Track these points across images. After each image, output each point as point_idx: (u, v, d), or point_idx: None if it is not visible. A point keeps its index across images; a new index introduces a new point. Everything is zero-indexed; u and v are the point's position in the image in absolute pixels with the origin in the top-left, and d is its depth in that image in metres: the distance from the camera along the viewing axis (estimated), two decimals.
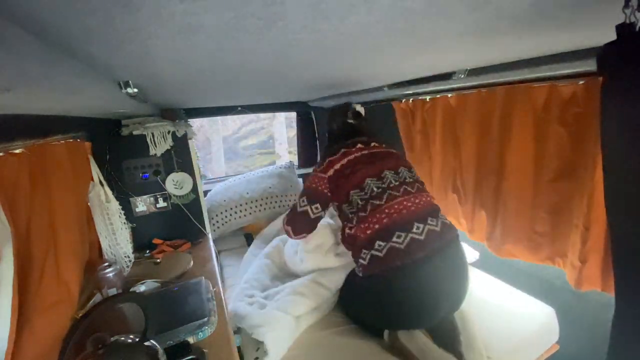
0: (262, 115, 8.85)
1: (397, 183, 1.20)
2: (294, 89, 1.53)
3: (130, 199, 1.55)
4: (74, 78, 0.62)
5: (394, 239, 1.07)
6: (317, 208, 1.29)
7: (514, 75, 1.05)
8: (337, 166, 1.27)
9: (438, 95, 1.51)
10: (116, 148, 1.49)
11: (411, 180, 1.25)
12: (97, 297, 1.11)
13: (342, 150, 1.30)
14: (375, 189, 1.18)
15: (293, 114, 2.97)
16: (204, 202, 1.75)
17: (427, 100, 1.58)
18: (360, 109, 1.47)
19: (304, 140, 2.87)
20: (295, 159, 2.91)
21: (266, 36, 0.52)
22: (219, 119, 7.80)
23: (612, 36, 0.51)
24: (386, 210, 1.13)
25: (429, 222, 1.12)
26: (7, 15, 0.34)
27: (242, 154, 9.43)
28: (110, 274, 1.12)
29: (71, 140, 1.15)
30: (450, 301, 1.11)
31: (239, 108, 2.28)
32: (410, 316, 1.08)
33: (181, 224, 1.65)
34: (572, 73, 0.95)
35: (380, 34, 0.57)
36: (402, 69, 1.06)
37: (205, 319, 0.95)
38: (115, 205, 1.34)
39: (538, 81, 1.10)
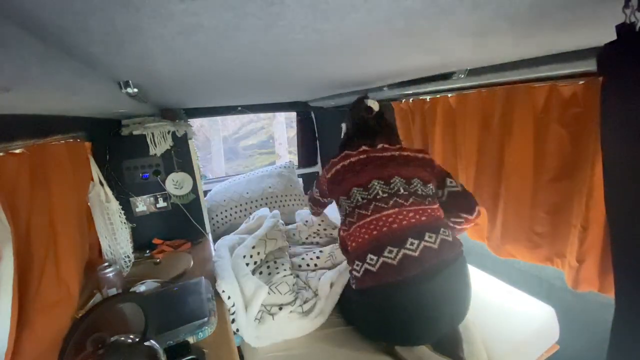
0: (262, 115, 8.86)
1: (385, 195, 1.12)
2: (294, 89, 1.53)
3: (130, 199, 1.55)
4: (74, 78, 0.62)
5: (386, 253, 1.02)
6: (322, 195, 1.42)
7: (514, 75, 1.05)
8: (333, 170, 1.25)
9: (438, 95, 1.51)
10: (116, 148, 1.49)
11: (405, 192, 1.13)
12: (97, 297, 1.11)
13: (345, 152, 1.26)
14: (360, 199, 1.13)
15: (293, 114, 2.97)
16: (204, 202, 1.75)
17: (427, 100, 1.58)
18: (372, 103, 1.35)
19: (304, 140, 2.87)
20: (295, 159, 2.91)
21: (266, 36, 0.52)
22: (219, 119, 7.80)
23: (612, 36, 0.51)
24: (374, 222, 1.08)
25: (425, 238, 1.04)
26: (7, 15, 0.34)
27: (242, 154, 9.43)
28: (110, 274, 1.12)
29: (71, 140, 1.15)
30: (449, 321, 1.06)
31: (239, 108, 2.28)
32: (406, 334, 1.05)
33: (181, 224, 1.65)
34: (572, 73, 0.95)
35: (380, 34, 0.57)
36: (402, 69, 1.06)
37: (205, 319, 0.95)
38: (115, 205, 1.34)
39: (538, 81, 1.10)
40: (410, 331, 1.04)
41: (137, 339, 0.72)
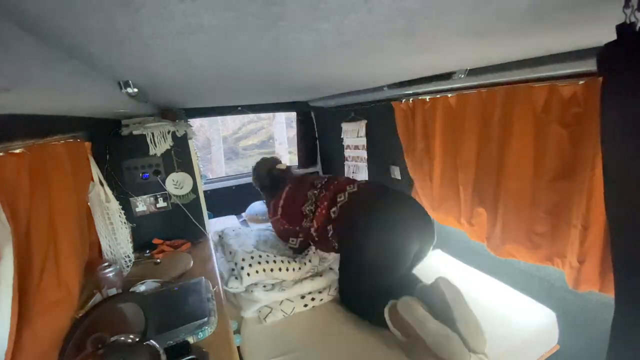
0: (262, 115, 8.85)
1: (319, 194, 1.60)
2: (294, 89, 1.53)
3: (130, 199, 1.55)
4: (74, 78, 0.62)
5: (338, 200, 1.48)
6: (293, 240, 1.70)
7: (514, 75, 1.05)
8: (280, 208, 1.71)
9: (438, 95, 1.51)
10: (116, 148, 1.49)
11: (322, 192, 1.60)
12: (97, 297, 1.11)
13: (277, 194, 1.80)
14: (311, 208, 1.59)
15: (293, 114, 2.97)
16: (204, 202, 1.75)
17: (427, 100, 1.58)
18: (281, 164, 2.07)
19: (304, 140, 2.87)
20: (295, 159, 2.91)
21: (266, 36, 0.52)
22: (219, 119, 7.80)
23: (612, 36, 0.51)
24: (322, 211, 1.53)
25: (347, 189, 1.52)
26: (7, 15, 0.34)
27: (242, 154, 9.43)
28: (110, 274, 1.12)
29: (71, 140, 1.15)
30: (418, 234, 1.36)
31: (239, 108, 2.28)
32: (384, 254, 1.31)
33: (181, 224, 1.65)
34: (572, 73, 0.95)
35: (380, 33, 0.57)
36: (402, 69, 1.06)
37: (205, 319, 0.95)
38: (115, 205, 1.34)
39: (538, 81, 1.09)
40: (387, 248, 1.33)
41: (137, 339, 0.72)
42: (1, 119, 0.70)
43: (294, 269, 1.46)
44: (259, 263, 1.42)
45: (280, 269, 1.44)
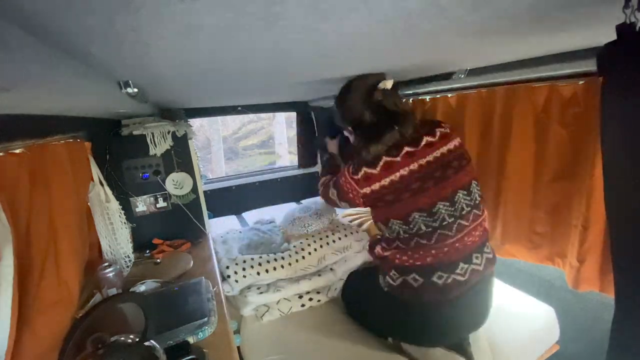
0: (262, 115, 8.85)
1: (451, 220, 0.97)
2: (294, 89, 1.53)
3: (130, 199, 1.55)
4: (74, 78, 0.62)
5: (434, 278, 0.96)
6: (345, 205, 1.14)
7: (514, 75, 1.05)
8: (376, 186, 0.98)
9: (438, 95, 1.51)
10: (116, 148, 1.49)
11: (468, 208, 1.00)
12: (97, 297, 1.11)
13: (384, 160, 0.98)
14: (423, 227, 0.96)
15: (293, 114, 2.97)
16: (204, 202, 1.75)
17: (427, 100, 1.58)
18: (386, 84, 1.03)
19: (304, 140, 2.87)
20: (295, 159, 2.91)
21: (266, 36, 0.52)
22: (219, 119, 7.80)
23: (612, 36, 0.51)
24: (433, 252, 0.97)
25: (473, 261, 1.00)
26: (7, 15, 0.34)
27: (242, 154, 9.43)
28: (110, 274, 1.12)
29: (71, 140, 1.15)
30: (471, 328, 1.08)
31: (239, 108, 2.28)
32: (428, 338, 1.06)
33: (181, 224, 1.65)
34: (572, 73, 0.95)
35: (380, 33, 0.57)
36: (402, 68, 1.06)
37: (205, 319, 0.95)
38: (115, 205, 1.34)
39: (538, 81, 1.09)
40: (434, 337, 1.05)
41: (137, 339, 0.72)
42: (1, 119, 0.70)
43: (283, 266, 1.43)
44: (244, 269, 1.39)
45: (267, 270, 1.40)
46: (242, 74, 0.91)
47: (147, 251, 1.53)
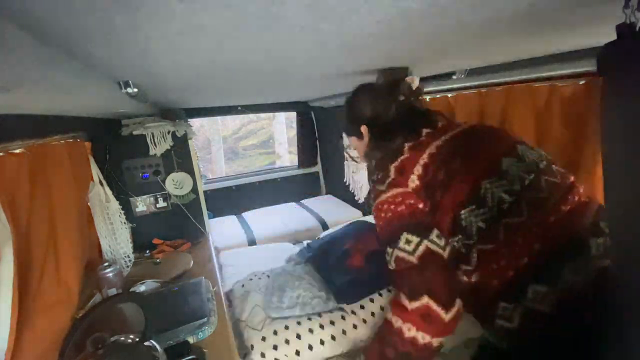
0: (262, 115, 8.85)
1: (532, 177, 0.69)
2: (294, 89, 1.53)
3: (130, 199, 1.55)
4: (74, 78, 0.62)
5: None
6: (439, 237, 0.71)
7: (514, 75, 1.05)
8: (418, 169, 0.74)
9: (438, 95, 1.51)
10: (116, 148, 1.49)
11: (547, 162, 0.75)
12: (97, 297, 1.11)
13: (406, 145, 0.79)
14: (504, 196, 0.67)
15: (293, 114, 2.97)
16: (204, 202, 1.75)
17: (427, 100, 1.58)
18: (414, 80, 0.93)
19: (304, 140, 2.87)
20: (295, 159, 2.91)
21: (266, 36, 0.52)
22: (219, 119, 7.80)
23: (612, 36, 0.51)
24: (534, 229, 0.65)
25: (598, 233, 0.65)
26: (7, 15, 0.34)
27: (242, 154, 9.43)
28: (110, 274, 1.12)
29: (71, 140, 1.15)
30: None
31: (239, 108, 2.28)
32: None
33: (181, 224, 1.65)
34: (572, 73, 0.95)
35: (380, 34, 0.57)
36: (402, 68, 1.06)
37: (205, 319, 0.95)
38: (115, 205, 1.34)
39: (538, 81, 1.09)
40: None
41: (137, 339, 0.72)
42: (1, 119, 0.70)
43: (334, 337, 1.00)
44: (275, 347, 0.99)
45: (311, 347, 0.98)
46: (242, 74, 0.91)
47: (147, 251, 1.53)
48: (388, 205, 0.74)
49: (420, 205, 0.72)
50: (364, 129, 0.92)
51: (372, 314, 1.08)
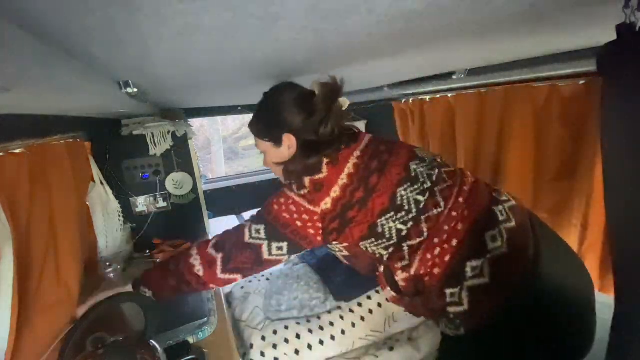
0: None
1: (436, 172, 0.78)
2: None
3: (130, 199, 1.55)
4: (74, 78, 0.62)
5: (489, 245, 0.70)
6: (279, 249, 0.78)
7: (514, 75, 1.05)
8: (336, 192, 0.75)
9: (438, 95, 1.51)
10: (116, 148, 1.49)
11: (439, 157, 0.85)
12: None
13: (325, 161, 0.78)
14: (419, 198, 0.74)
15: None
16: (204, 202, 1.75)
17: (427, 100, 1.58)
18: (346, 103, 0.92)
19: None
20: None
21: (266, 36, 0.52)
22: (219, 119, 7.79)
23: (612, 36, 0.51)
24: (452, 214, 0.73)
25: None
26: (7, 15, 0.34)
27: (242, 154, 9.42)
28: (110, 274, 1.12)
29: (71, 140, 1.15)
30: None
31: (239, 108, 2.28)
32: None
33: (181, 224, 1.65)
34: (572, 73, 0.95)
35: (381, 34, 0.57)
36: (402, 69, 1.06)
37: (205, 319, 0.95)
38: (115, 205, 1.34)
39: (538, 81, 1.09)
40: None
41: (137, 339, 0.72)
42: (1, 119, 0.70)
43: (334, 337, 1.00)
44: (275, 346, 1.00)
45: (311, 346, 0.99)
46: (242, 74, 0.91)
47: (147, 251, 1.53)
48: (290, 207, 0.77)
49: (312, 232, 0.76)
50: (288, 137, 0.83)
51: (370, 311, 1.09)
